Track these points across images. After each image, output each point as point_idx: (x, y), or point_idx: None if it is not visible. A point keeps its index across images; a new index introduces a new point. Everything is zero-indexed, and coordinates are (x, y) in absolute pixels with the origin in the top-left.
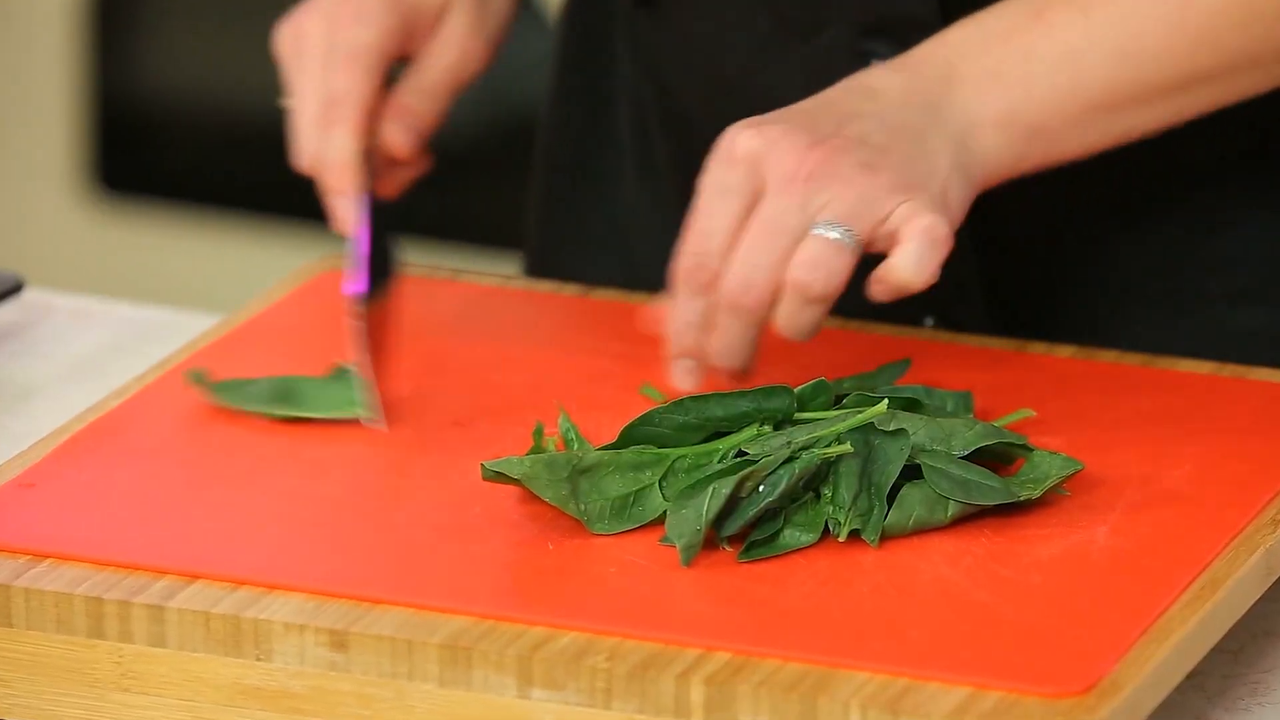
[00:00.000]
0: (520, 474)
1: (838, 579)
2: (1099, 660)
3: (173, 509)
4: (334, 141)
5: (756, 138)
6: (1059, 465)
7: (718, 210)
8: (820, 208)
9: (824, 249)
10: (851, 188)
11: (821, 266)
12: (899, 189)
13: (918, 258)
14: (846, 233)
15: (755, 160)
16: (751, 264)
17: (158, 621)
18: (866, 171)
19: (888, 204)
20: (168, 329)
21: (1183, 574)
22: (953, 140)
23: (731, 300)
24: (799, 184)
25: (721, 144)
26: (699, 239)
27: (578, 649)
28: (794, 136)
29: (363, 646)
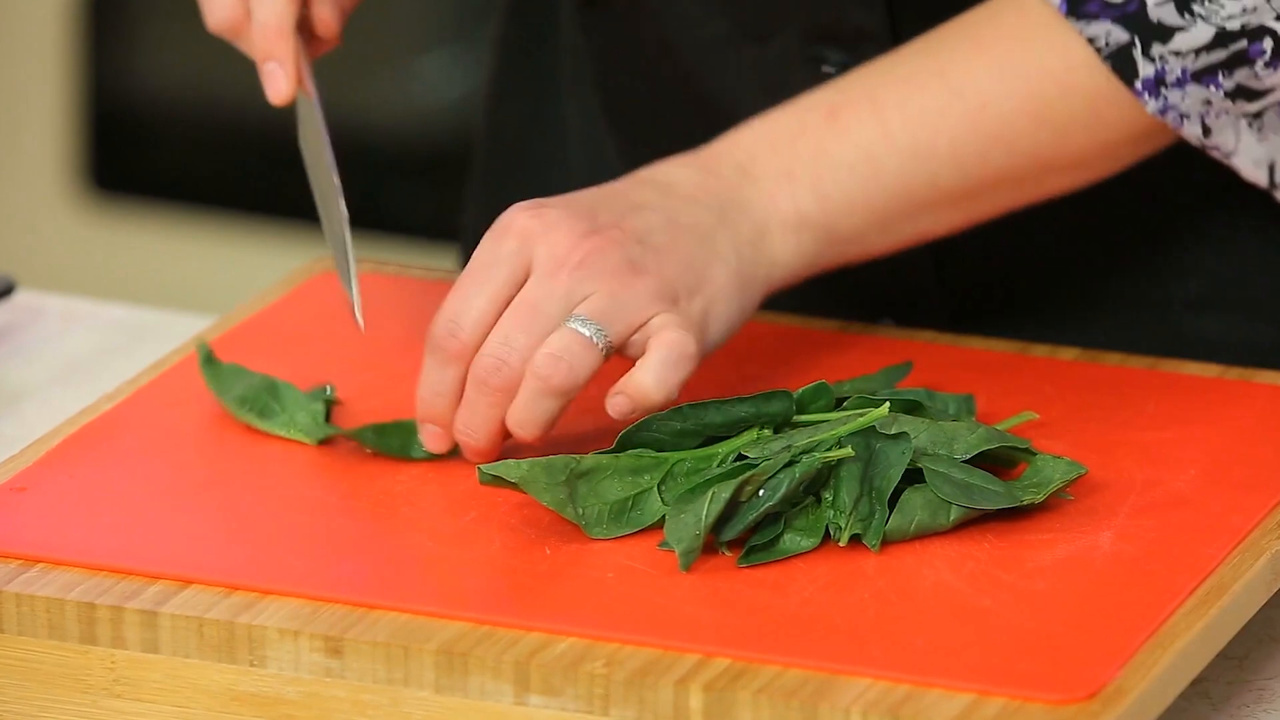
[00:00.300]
0: (517, 477)
1: (838, 584)
2: (1103, 667)
3: (166, 513)
4: (267, 5)
5: (534, 217)
6: (1062, 469)
7: (481, 282)
8: (580, 299)
9: (572, 342)
10: (614, 286)
11: (565, 360)
12: (662, 297)
13: (659, 372)
14: (599, 331)
15: (528, 239)
16: (505, 344)
17: (151, 627)
18: (633, 272)
19: (646, 310)
20: (160, 331)
21: (1187, 579)
22: (739, 244)
23: (479, 379)
24: (565, 271)
25: (500, 219)
26: (456, 306)
27: (575, 655)
28: (571, 222)
29: (358, 652)
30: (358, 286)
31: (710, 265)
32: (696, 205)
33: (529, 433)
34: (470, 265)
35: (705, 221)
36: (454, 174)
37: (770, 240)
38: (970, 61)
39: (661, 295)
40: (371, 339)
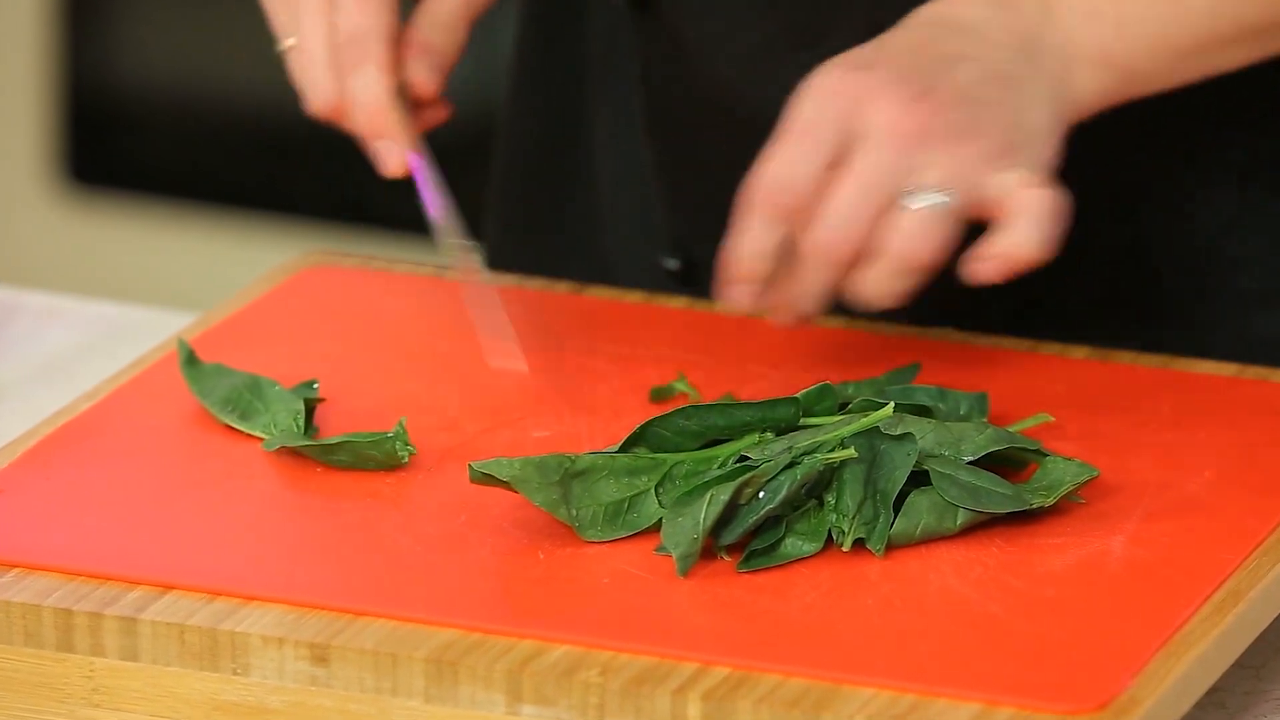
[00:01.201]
0: (509, 476)
1: (842, 590)
2: (1115, 676)
3: (146, 516)
4: (362, 82)
5: (858, 81)
6: (1073, 472)
7: (808, 144)
8: (921, 169)
9: (927, 218)
10: (955, 151)
11: (926, 236)
12: (1002, 153)
13: (1037, 231)
14: (946, 199)
15: (854, 103)
16: (846, 216)
17: (130, 634)
18: (970, 133)
19: (991, 170)
20: (142, 328)
21: (1202, 586)
22: (1051, 85)
23: (824, 252)
24: (900, 140)
25: (818, 79)
26: (784, 167)
27: (570, 663)
28: (898, 86)
29: (344, 660)
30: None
31: (1034, 113)
32: (1007, 50)
33: (888, 304)
34: (792, 126)
35: (1020, 68)
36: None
37: (1074, 77)
38: None
39: (1000, 153)
40: (359, 336)
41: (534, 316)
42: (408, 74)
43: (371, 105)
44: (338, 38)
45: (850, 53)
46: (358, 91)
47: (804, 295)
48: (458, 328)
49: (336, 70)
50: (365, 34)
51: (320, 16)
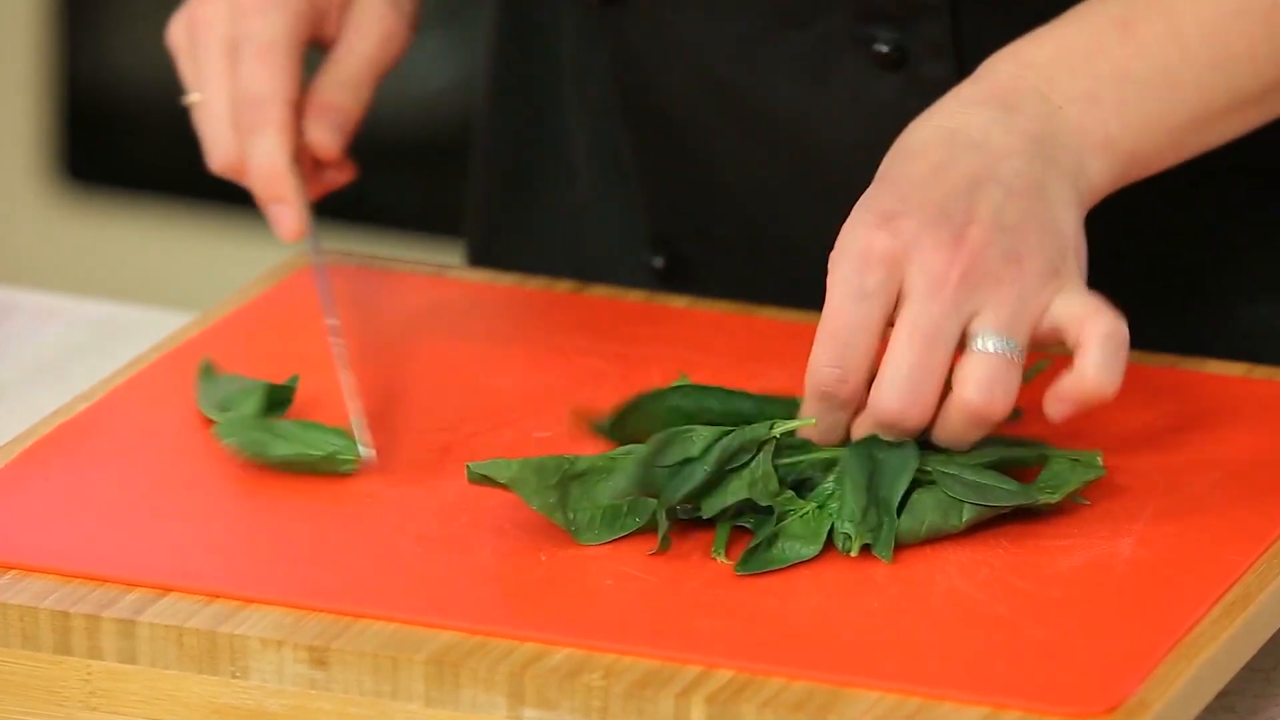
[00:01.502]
0: (507, 478)
1: (846, 592)
2: (1123, 679)
3: (144, 518)
4: (262, 146)
5: (892, 236)
6: (1080, 471)
7: (858, 316)
8: (970, 312)
9: (995, 366)
10: (1005, 288)
11: (997, 386)
12: (1048, 275)
13: (1110, 364)
14: (1010, 343)
15: (895, 261)
16: (909, 381)
17: (128, 637)
18: (1014, 265)
19: (1043, 297)
20: (137, 328)
21: (1212, 588)
22: (1069, 180)
23: (892, 422)
24: (950, 290)
25: (851, 242)
26: (837, 349)
27: (572, 666)
28: (934, 232)
29: (344, 663)
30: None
31: (1063, 214)
32: (1022, 157)
33: (962, 448)
34: (837, 302)
35: (1037, 175)
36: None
37: (1087, 167)
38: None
39: (1045, 276)
40: (359, 335)
41: (535, 315)
42: (309, 135)
43: (268, 170)
44: (238, 98)
45: (871, 198)
46: (255, 155)
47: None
48: (458, 328)
49: (236, 131)
50: (265, 96)
51: (223, 75)
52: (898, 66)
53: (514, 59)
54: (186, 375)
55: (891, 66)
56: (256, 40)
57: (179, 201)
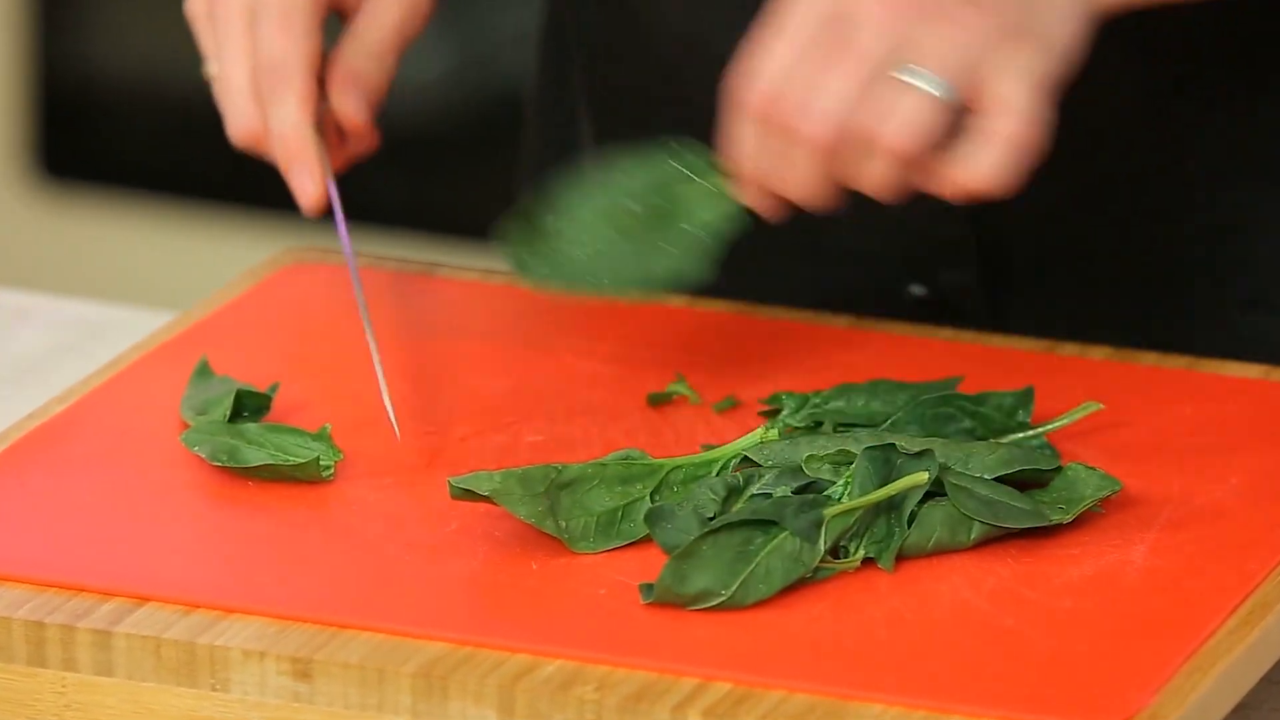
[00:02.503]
0: (490, 490)
1: (849, 602)
2: (1136, 692)
3: (121, 525)
4: (281, 113)
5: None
6: (1095, 484)
7: (798, 37)
8: (919, 47)
9: (918, 105)
10: (956, 28)
11: (915, 125)
12: (1010, 34)
13: (998, 162)
14: (944, 88)
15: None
16: (834, 100)
17: (104, 648)
18: (972, 8)
19: (993, 58)
20: (116, 328)
21: (1228, 598)
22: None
23: (809, 137)
24: (895, 15)
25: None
26: (772, 68)
27: (564, 678)
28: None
29: (328, 675)
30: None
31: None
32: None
33: (892, 198)
34: (779, 19)
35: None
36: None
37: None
38: None
39: (1008, 33)
40: (343, 336)
41: (527, 315)
42: (335, 104)
43: (290, 137)
44: (259, 66)
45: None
46: (276, 122)
47: (799, 189)
48: (448, 327)
49: (257, 100)
50: (286, 63)
51: (242, 43)
52: None
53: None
54: (167, 377)
55: None
56: (276, 7)
57: (159, 198)
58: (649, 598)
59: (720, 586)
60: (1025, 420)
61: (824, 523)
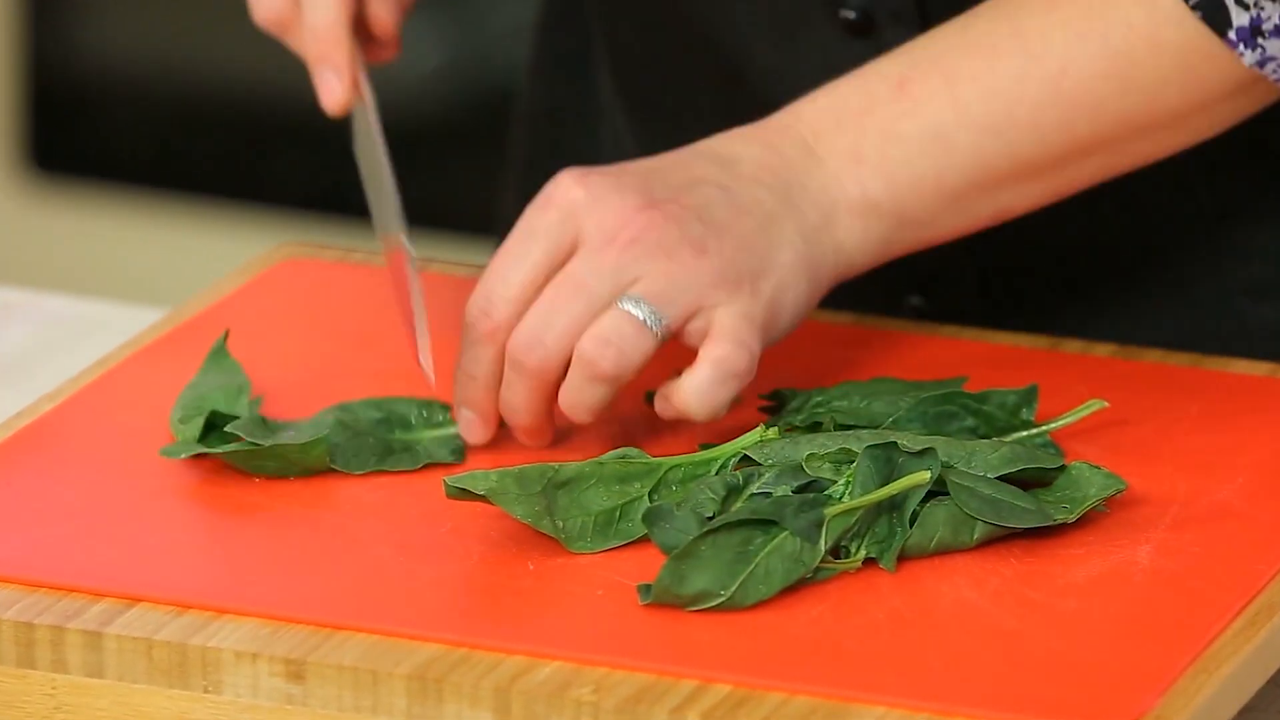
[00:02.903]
0: (486, 490)
1: (850, 602)
2: (1141, 694)
3: (112, 524)
4: (319, 3)
5: (579, 186)
6: (1099, 483)
7: (518, 256)
8: (633, 280)
9: (623, 325)
10: (673, 266)
11: (615, 344)
12: (724, 280)
13: (706, 389)
14: (654, 315)
15: (573, 210)
16: (543, 323)
17: (95, 649)
18: (694, 252)
19: (706, 295)
20: (105, 324)
21: (1234, 598)
22: (804, 231)
23: (514, 358)
24: (616, 247)
25: (544, 189)
26: (491, 283)
27: (561, 680)
28: (623, 194)
29: (322, 677)
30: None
31: (775, 249)
32: (759, 186)
33: (579, 417)
34: (508, 239)
35: (769, 204)
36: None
37: (837, 226)
38: (1047, 22)
39: (724, 278)
40: (339, 333)
41: None
42: (370, 6)
43: (323, 29)
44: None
45: (585, 167)
46: (311, 10)
47: (510, 406)
48: (443, 323)
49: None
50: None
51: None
52: (864, 32)
53: (555, 34)
54: (158, 374)
55: (858, 33)
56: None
57: (150, 192)
58: (647, 598)
59: (719, 587)
60: (1029, 419)
61: (825, 522)
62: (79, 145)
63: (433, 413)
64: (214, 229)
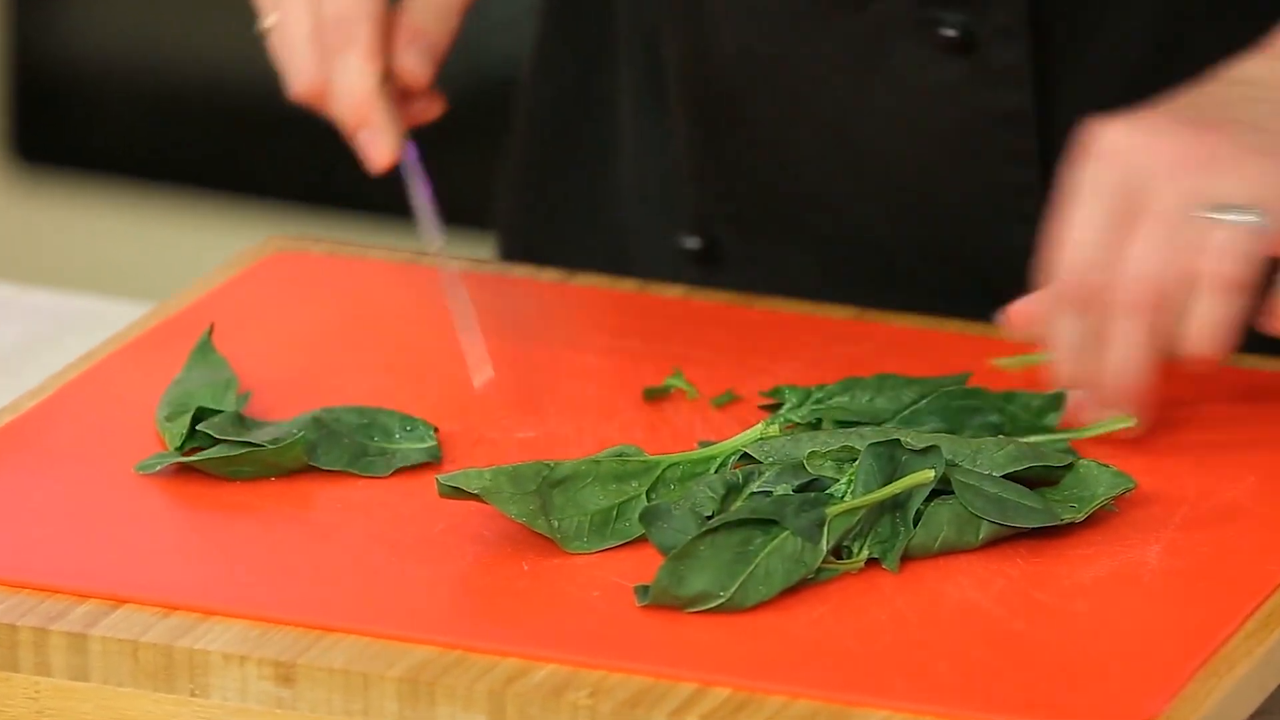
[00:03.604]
0: (479, 488)
1: (852, 604)
2: (1150, 698)
3: (97, 524)
4: (348, 67)
5: (1131, 130)
6: (1108, 482)
7: (1095, 213)
8: (1218, 194)
9: (1235, 234)
10: (1253, 170)
11: (1238, 250)
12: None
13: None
14: (1259, 217)
15: (1134, 152)
16: (1152, 261)
17: (79, 652)
18: (1262, 154)
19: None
20: (90, 319)
21: (1245, 600)
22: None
23: (1131, 304)
24: (1191, 169)
25: (1091, 140)
26: (1077, 249)
27: (557, 683)
28: (1175, 125)
29: (312, 680)
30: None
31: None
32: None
33: (1220, 345)
34: (1074, 197)
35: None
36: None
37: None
38: None
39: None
40: (328, 328)
41: (518, 306)
42: (397, 61)
43: (356, 93)
44: (323, 18)
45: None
46: (341, 78)
47: (1125, 366)
48: (436, 320)
49: (320, 53)
50: (352, 16)
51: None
52: (964, 51)
53: (566, 23)
54: (144, 370)
55: (956, 51)
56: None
57: (136, 184)
58: (645, 600)
59: (719, 588)
60: (1053, 424)
61: (826, 522)
62: (64, 137)
63: (416, 428)
64: (202, 222)
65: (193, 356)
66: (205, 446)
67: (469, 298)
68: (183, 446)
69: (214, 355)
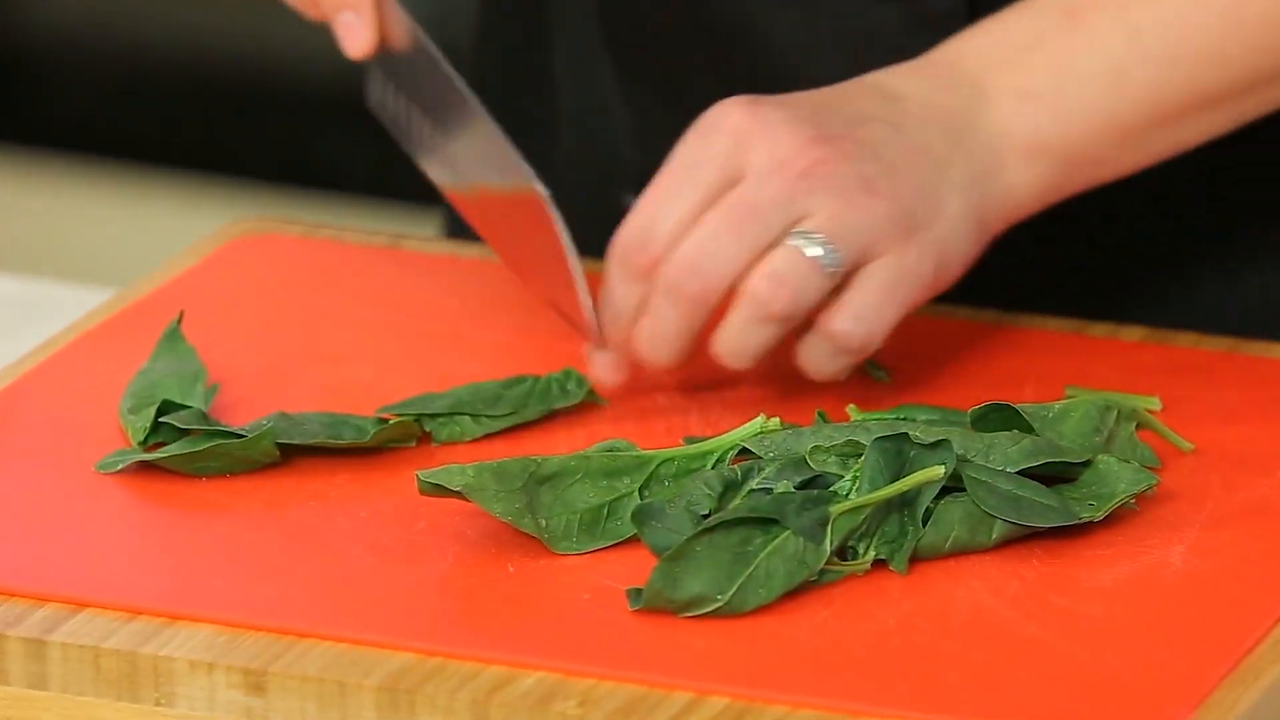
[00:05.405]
0: (462, 485)
1: (857, 608)
2: (1173, 707)
3: (56, 523)
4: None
5: (751, 115)
6: (1128, 479)
7: (682, 184)
8: (803, 214)
9: (798, 263)
10: (845, 205)
11: (790, 284)
12: (897, 225)
13: (818, 361)
14: (830, 254)
15: (744, 137)
16: (706, 249)
17: (38, 659)
18: (867, 191)
19: (878, 244)
20: (52, 306)
21: (1274, 603)
22: (972, 174)
23: (672, 284)
24: (789, 177)
25: (708, 114)
26: (650, 213)
27: (544, 692)
28: (795, 124)
29: (284, 689)
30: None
31: (946, 196)
32: (929, 126)
33: (740, 362)
34: (669, 166)
35: (938, 146)
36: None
37: (1007, 169)
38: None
39: (895, 224)
40: (301, 315)
41: (499, 291)
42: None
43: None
44: None
45: (752, 95)
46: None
47: (654, 335)
48: (416, 305)
49: None
50: None
51: None
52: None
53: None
54: (106, 361)
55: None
56: None
57: (98, 163)
58: (637, 604)
59: (716, 591)
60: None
61: (830, 521)
62: (21, 113)
63: None
64: (167, 202)
65: (160, 346)
66: (170, 441)
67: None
68: (146, 440)
69: (182, 344)
